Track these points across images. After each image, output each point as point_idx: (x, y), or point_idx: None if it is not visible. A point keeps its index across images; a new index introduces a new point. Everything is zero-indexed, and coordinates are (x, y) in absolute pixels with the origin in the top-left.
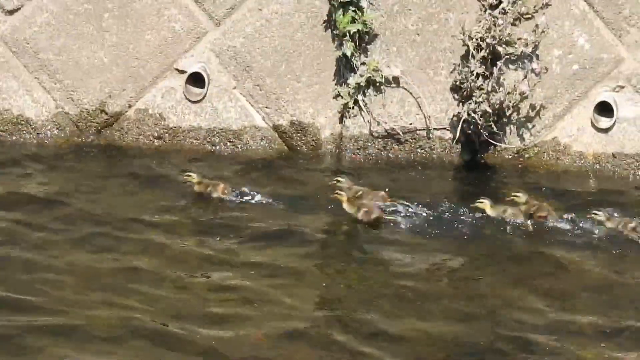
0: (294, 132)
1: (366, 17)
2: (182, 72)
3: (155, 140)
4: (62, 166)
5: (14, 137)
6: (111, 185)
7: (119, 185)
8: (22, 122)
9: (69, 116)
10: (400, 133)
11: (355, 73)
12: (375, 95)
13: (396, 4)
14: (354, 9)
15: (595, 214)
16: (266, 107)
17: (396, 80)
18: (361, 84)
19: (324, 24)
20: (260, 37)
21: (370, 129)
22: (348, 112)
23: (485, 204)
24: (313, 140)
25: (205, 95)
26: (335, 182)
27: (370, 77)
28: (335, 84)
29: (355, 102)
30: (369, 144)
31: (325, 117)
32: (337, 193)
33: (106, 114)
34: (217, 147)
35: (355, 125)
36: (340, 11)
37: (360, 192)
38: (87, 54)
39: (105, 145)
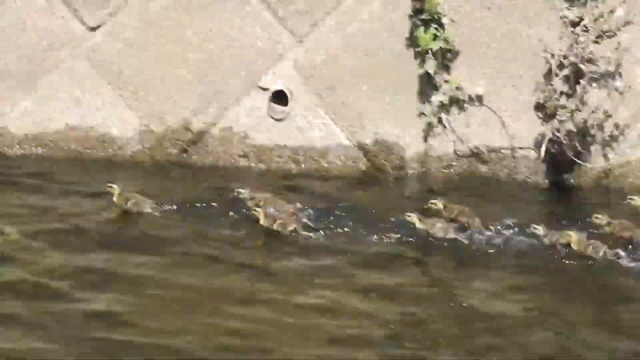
0: (378, 150)
1: (448, 35)
2: (265, 90)
3: (240, 159)
4: (147, 184)
5: (99, 154)
6: (196, 203)
7: (203, 203)
8: (107, 140)
9: (154, 134)
10: (485, 152)
11: (438, 91)
12: (459, 114)
13: (478, 21)
14: (435, 26)
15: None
16: (350, 126)
17: (479, 98)
18: (444, 102)
19: (407, 42)
20: (343, 54)
21: (454, 147)
22: (432, 130)
23: (412, 217)
24: (397, 159)
25: (289, 113)
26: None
27: (453, 95)
28: (419, 103)
29: (439, 120)
30: (454, 163)
31: (409, 136)
32: (254, 210)
33: (191, 132)
34: (302, 165)
35: (439, 144)
36: (422, 28)
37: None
38: (170, 71)
39: (190, 164)
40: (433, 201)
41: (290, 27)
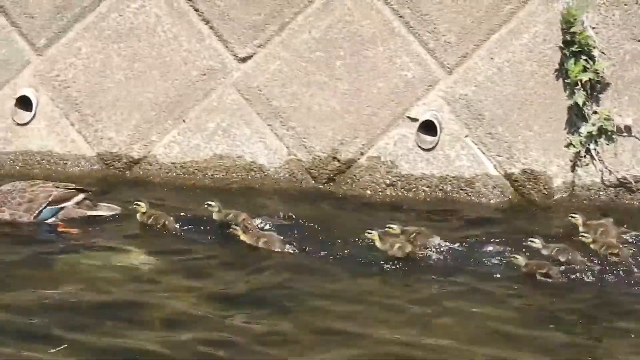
0: (525, 180)
1: (597, 66)
2: (414, 120)
3: (387, 188)
4: (296, 212)
5: (246, 183)
6: (345, 233)
7: (352, 232)
8: (255, 169)
9: (301, 163)
10: (632, 182)
11: (586, 122)
12: (607, 144)
13: (628, 53)
14: (585, 57)
15: (532, 241)
16: (498, 155)
17: (628, 129)
18: (593, 132)
19: (555, 73)
20: (492, 85)
21: (601, 177)
22: (580, 160)
23: (374, 234)
24: (545, 188)
25: (437, 143)
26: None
27: (601, 125)
28: (567, 133)
29: (587, 150)
30: (600, 193)
31: (556, 166)
32: (233, 228)
33: (338, 161)
34: (449, 195)
35: (587, 174)
36: (572, 60)
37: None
38: (319, 101)
39: (336, 193)
40: (390, 225)
41: (440, 59)
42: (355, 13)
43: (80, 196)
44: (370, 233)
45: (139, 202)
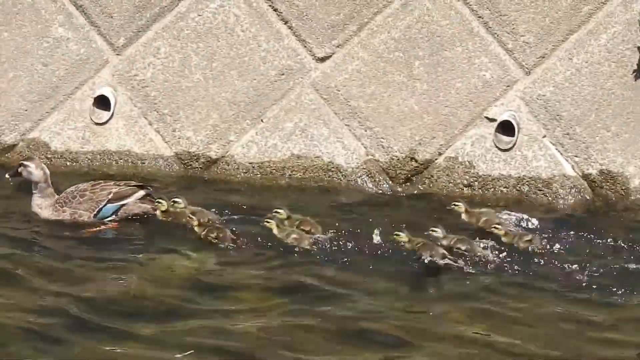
0: (602, 181)
1: None
2: (492, 120)
3: (465, 188)
4: (374, 213)
5: (323, 183)
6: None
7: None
8: (333, 169)
9: (379, 163)
10: None
11: None
12: None
13: None
14: None
15: (433, 230)
16: (575, 156)
17: None
18: None
19: (634, 73)
20: (570, 85)
21: None
22: None
23: (271, 223)
24: (622, 189)
25: (515, 143)
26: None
27: None
28: None
29: None
30: None
31: (634, 167)
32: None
33: (416, 161)
34: (526, 196)
35: None
36: None
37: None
38: (397, 101)
39: (415, 193)
40: (277, 210)
41: (518, 59)
42: (434, 13)
43: (141, 192)
44: (269, 222)
45: (160, 200)
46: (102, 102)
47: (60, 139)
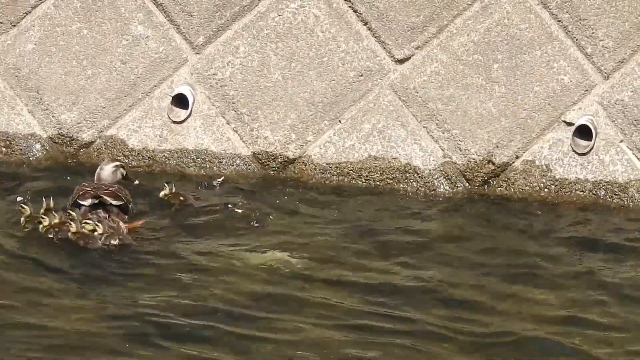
0: None
1: None
2: (569, 124)
3: (541, 192)
4: (453, 214)
5: (399, 185)
6: (501, 236)
7: (508, 236)
8: (410, 171)
9: (456, 165)
10: None
11: None
12: None
13: None
14: None
15: None
16: None
17: None
18: None
19: None
20: None
21: None
22: None
23: (25, 209)
24: None
25: (592, 148)
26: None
27: None
28: None
29: None
30: None
31: None
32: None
33: (493, 164)
34: (602, 200)
35: None
36: None
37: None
38: (475, 104)
39: (491, 195)
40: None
41: (597, 63)
42: (513, 16)
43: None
44: (23, 208)
45: (166, 185)
46: (180, 101)
47: (138, 136)
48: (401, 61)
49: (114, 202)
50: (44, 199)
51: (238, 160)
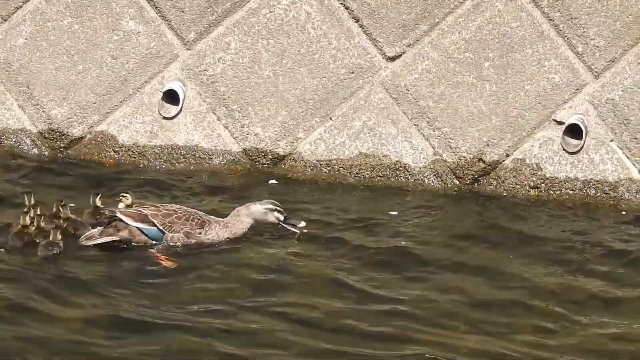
0: None
1: None
2: (560, 123)
3: (531, 190)
4: (441, 212)
5: (390, 182)
6: (490, 234)
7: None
8: (400, 168)
9: (447, 163)
10: None
11: None
12: None
13: None
14: None
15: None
16: None
17: None
18: None
19: None
20: (639, 90)
21: None
22: None
23: (126, 198)
24: None
25: (582, 146)
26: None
27: None
28: None
29: None
30: None
31: None
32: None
33: (484, 162)
34: (592, 198)
35: None
36: None
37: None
38: (466, 102)
39: (480, 194)
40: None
41: (588, 62)
42: (505, 15)
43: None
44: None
45: (125, 195)
46: (170, 97)
47: (128, 132)
48: (392, 59)
49: (131, 223)
50: (25, 195)
51: (228, 157)
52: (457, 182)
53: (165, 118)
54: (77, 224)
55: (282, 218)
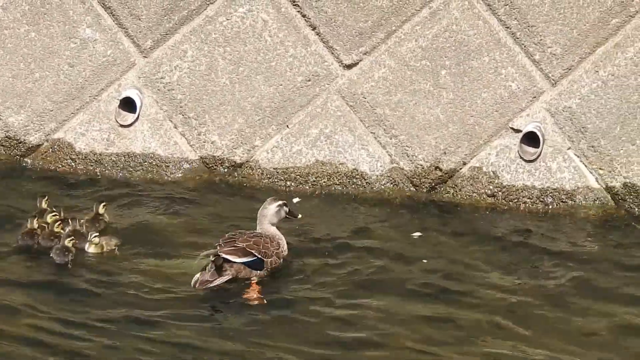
0: (626, 194)
1: None
2: (517, 131)
3: (488, 198)
4: (398, 221)
5: (347, 190)
6: (448, 242)
7: (456, 242)
8: (357, 176)
9: (404, 171)
10: None
11: None
12: None
13: None
14: None
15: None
16: (600, 169)
17: None
18: None
19: None
20: (596, 98)
21: None
22: None
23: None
24: None
25: (539, 154)
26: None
27: None
28: None
29: None
30: None
31: None
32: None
33: (440, 170)
34: (550, 207)
35: None
36: None
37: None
38: (423, 110)
39: (438, 202)
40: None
41: (545, 70)
42: (462, 23)
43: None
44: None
45: (44, 195)
46: (127, 104)
47: (85, 140)
48: (349, 66)
49: (237, 260)
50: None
51: (185, 164)
52: (414, 190)
53: (122, 126)
54: (79, 235)
55: (287, 210)
